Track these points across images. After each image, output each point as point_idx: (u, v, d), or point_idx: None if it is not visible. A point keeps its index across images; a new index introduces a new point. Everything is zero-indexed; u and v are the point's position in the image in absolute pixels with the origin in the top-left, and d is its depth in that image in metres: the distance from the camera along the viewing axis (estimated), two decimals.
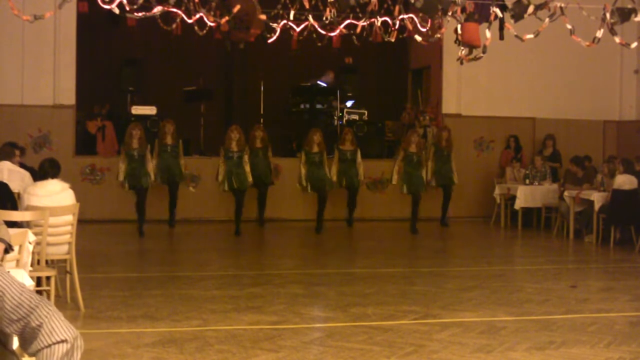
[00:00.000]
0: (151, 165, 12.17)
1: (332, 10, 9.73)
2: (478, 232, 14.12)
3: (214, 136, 15.20)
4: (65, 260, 6.94)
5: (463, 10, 8.40)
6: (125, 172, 12.01)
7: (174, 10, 8.89)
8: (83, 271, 7.46)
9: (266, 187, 13.42)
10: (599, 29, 7.97)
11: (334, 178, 13.07)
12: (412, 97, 17.41)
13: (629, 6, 8.34)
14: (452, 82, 15.49)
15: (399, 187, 13.04)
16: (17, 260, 5.03)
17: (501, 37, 8.64)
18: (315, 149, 12.74)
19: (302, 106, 15.93)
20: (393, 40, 10.49)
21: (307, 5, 9.54)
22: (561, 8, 8.10)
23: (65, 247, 6.84)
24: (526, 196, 13.70)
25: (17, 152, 9.13)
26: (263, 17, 9.82)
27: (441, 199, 13.99)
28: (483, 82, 15.48)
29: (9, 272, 2.32)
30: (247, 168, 12.28)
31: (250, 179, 12.33)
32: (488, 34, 7.94)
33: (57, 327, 2.21)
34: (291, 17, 10.21)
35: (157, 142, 12.65)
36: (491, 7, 8.20)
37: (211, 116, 15.84)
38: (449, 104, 15.58)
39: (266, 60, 16.76)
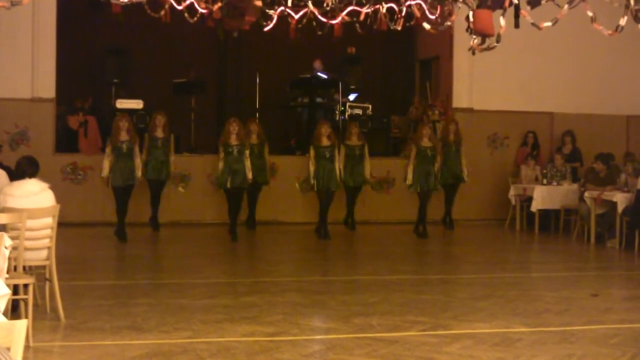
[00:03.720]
0: (139, 161, 12.10)
1: None
2: (491, 236, 14.12)
3: (205, 132, 15.21)
4: (44, 267, 6.93)
5: None
6: (111, 167, 11.89)
7: None
8: (64, 278, 7.45)
9: (260, 187, 13.40)
10: (623, 17, 7.96)
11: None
12: (420, 90, 17.41)
13: None
14: (463, 73, 15.49)
15: (413, 187, 12.95)
16: None
17: (516, 25, 8.62)
18: (325, 142, 12.66)
19: (301, 100, 15.92)
20: (399, 28, 10.47)
21: None
22: None
23: (45, 253, 6.83)
24: (544, 197, 13.70)
25: None
26: (259, 3, 9.81)
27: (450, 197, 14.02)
28: (497, 73, 15.47)
29: None
30: (248, 163, 12.21)
31: (250, 176, 12.24)
32: (502, 21, 7.93)
33: None
34: (289, 4, 10.20)
35: (147, 136, 12.63)
36: None
37: (202, 111, 15.84)
38: (460, 98, 15.59)
39: (262, 50, 16.76)
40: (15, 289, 6.39)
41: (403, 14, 10.25)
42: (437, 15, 9.71)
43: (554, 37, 14.02)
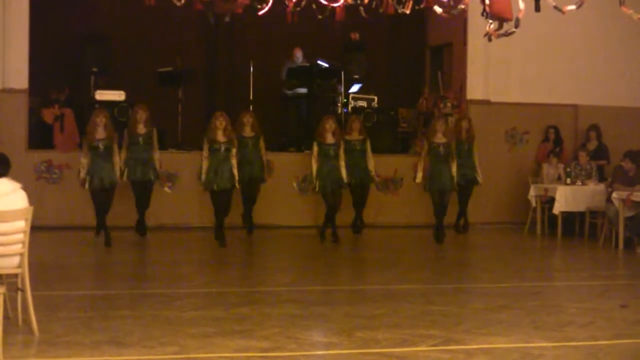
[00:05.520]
0: (118, 159, 12.10)
1: None
2: (509, 241, 14.11)
3: (194, 126, 15.20)
4: (16, 275, 6.92)
5: None
6: (88, 168, 11.95)
7: None
8: (38, 288, 7.45)
9: (257, 185, 13.39)
10: None
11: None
12: (430, 81, 17.39)
13: None
14: (479, 62, 15.47)
15: (423, 186, 12.92)
16: None
17: (537, 9, 8.62)
18: (330, 139, 12.66)
19: (295, 91, 15.89)
20: (408, 12, 10.45)
21: None
22: None
23: (16, 260, 6.82)
24: (567, 198, 13.68)
25: None
26: None
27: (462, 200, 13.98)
28: (515, 62, 15.47)
29: None
30: (234, 162, 12.19)
31: (236, 176, 12.21)
32: (521, 4, 7.93)
33: None
34: None
35: (126, 132, 12.63)
36: None
37: (191, 103, 15.83)
38: (475, 89, 15.57)
39: (256, 36, 16.75)
40: None
41: None
42: None
43: (578, 21, 14.02)
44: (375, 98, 16.10)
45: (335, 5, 10.49)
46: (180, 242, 13.20)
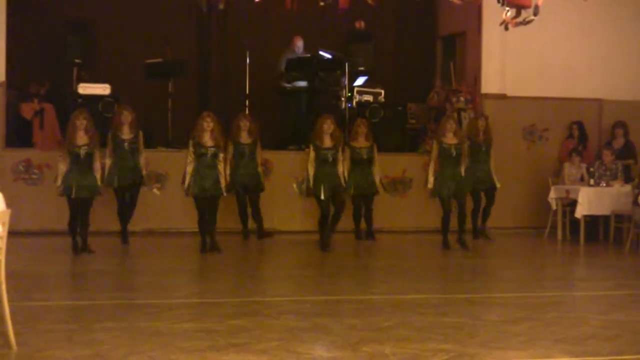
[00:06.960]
0: (99, 165, 12.03)
1: None
2: (528, 247, 14.12)
3: (185, 122, 15.19)
4: None
5: None
6: (65, 176, 11.85)
7: None
8: (15, 298, 7.45)
9: (257, 193, 13.44)
10: None
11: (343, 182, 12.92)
12: (441, 73, 17.41)
13: None
14: (494, 53, 15.49)
15: (431, 192, 12.88)
16: None
17: None
18: (328, 142, 12.64)
19: (298, 84, 15.91)
20: None
21: None
22: None
23: None
24: (590, 201, 13.68)
25: None
26: None
27: (476, 204, 13.95)
28: (534, 53, 15.47)
29: None
30: (220, 168, 12.12)
31: (223, 182, 12.14)
32: None
33: None
34: None
35: (110, 136, 12.60)
36: None
37: (182, 97, 15.84)
38: (490, 82, 15.58)
39: (253, 25, 16.74)
40: None
41: None
42: None
43: (601, 9, 14.02)
44: (382, 92, 16.11)
45: None
46: (170, 248, 13.20)
